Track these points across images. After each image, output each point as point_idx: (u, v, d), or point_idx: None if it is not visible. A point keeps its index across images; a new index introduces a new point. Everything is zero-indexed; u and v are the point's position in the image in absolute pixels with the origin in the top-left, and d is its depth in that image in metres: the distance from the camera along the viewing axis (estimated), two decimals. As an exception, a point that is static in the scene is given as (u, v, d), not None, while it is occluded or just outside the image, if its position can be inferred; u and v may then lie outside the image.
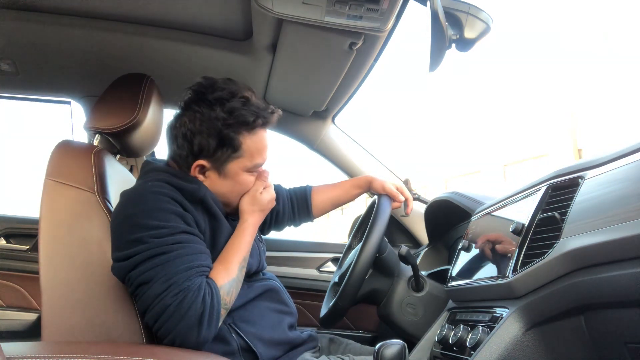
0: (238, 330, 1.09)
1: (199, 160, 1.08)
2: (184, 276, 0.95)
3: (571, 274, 0.82)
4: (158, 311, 0.94)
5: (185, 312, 0.93)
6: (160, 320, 0.95)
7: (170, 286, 0.94)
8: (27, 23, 1.35)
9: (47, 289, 1.06)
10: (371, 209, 1.46)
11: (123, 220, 1.02)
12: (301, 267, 1.98)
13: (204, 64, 1.55)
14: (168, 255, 0.96)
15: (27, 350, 0.77)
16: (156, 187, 1.04)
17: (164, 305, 0.94)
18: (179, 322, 0.94)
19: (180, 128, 1.09)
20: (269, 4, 1.12)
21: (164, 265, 0.96)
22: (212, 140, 1.06)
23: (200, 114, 1.06)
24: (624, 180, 0.77)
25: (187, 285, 0.95)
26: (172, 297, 0.94)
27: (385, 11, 1.09)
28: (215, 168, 1.10)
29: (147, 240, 0.97)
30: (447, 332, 1.11)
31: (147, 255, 0.96)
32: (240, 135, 1.07)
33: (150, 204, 1.01)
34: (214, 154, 1.07)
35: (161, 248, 0.96)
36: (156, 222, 0.99)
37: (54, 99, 1.79)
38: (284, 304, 1.22)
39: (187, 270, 0.96)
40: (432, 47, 1.05)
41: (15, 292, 1.82)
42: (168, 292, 0.94)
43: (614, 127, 9.70)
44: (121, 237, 1.01)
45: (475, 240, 1.23)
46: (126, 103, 1.26)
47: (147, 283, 0.96)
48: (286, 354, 1.16)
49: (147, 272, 0.96)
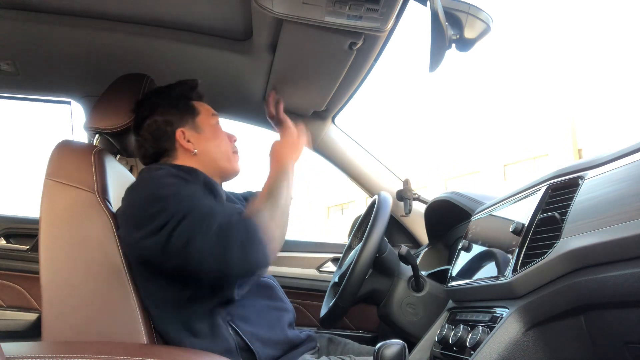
0: (236, 329, 1.10)
1: (177, 131, 1.23)
2: (219, 219, 1.01)
3: (571, 274, 0.82)
4: (213, 258, 0.98)
5: (228, 237, 0.98)
6: (219, 262, 0.99)
7: (211, 232, 0.99)
8: (27, 23, 1.35)
9: (47, 289, 1.06)
10: (371, 209, 1.46)
11: (139, 201, 1.06)
12: (301, 267, 1.98)
13: (204, 64, 1.55)
14: (197, 212, 1.01)
15: (27, 350, 0.77)
16: (161, 172, 1.11)
17: (213, 248, 0.98)
18: (226, 247, 0.98)
19: (148, 128, 1.23)
20: (269, 4, 1.12)
21: (198, 220, 1.00)
22: (175, 110, 1.25)
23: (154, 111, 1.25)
24: (624, 180, 0.77)
25: (226, 221, 1.00)
26: (217, 236, 0.98)
27: (385, 11, 1.09)
28: (191, 128, 1.25)
29: (170, 208, 1.01)
30: (447, 332, 1.11)
31: (178, 219, 1.00)
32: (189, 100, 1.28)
33: (161, 180, 1.08)
34: (182, 119, 1.25)
35: (187, 209, 1.01)
36: (172, 189, 1.05)
37: (54, 99, 1.79)
38: (281, 300, 1.23)
39: (220, 214, 1.02)
40: (432, 47, 1.05)
41: (15, 292, 1.82)
42: (211, 236, 0.98)
43: (614, 127, 9.69)
44: (143, 215, 1.04)
45: (475, 240, 1.23)
46: (126, 103, 1.26)
47: (189, 241, 0.99)
48: (285, 354, 1.16)
49: (184, 233, 0.99)
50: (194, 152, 1.23)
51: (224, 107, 1.81)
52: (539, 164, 12.81)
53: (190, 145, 1.23)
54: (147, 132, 1.24)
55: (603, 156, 0.88)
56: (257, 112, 1.85)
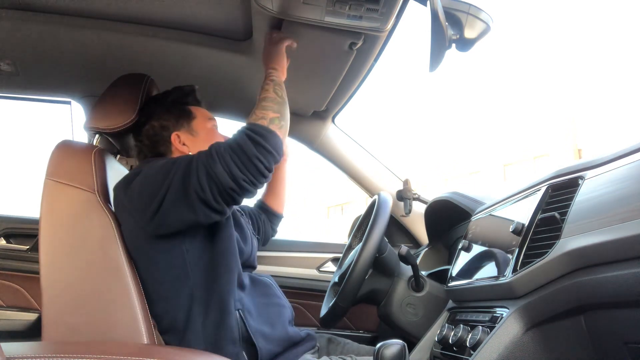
0: (244, 320, 1.11)
1: (172, 135, 1.27)
2: (216, 145, 1.07)
3: (571, 274, 0.82)
4: (233, 163, 1.04)
5: (238, 144, 1.05)
6: (240, 164, 1.04)
7: (217, 153, 1.05)
8: (27, 23, 1.35)
9: (48, 289, 1.06)
10: (371, 208, 1.46)
11: (140, 185, 1.10)
12: (301, 267, 1.98)
13: (204, 64, 1.55)
14: (201, 152, 1.08)
15: (27, 350, 0.77)
16: (152, 161, 1.17)
17: (229, 157, 1.04)
18: (245, 151, 1.05)
19: (146, 133, 1.29)
20: (269, 4, 1.12)
21: (204, 154, 1.06)
22: (170, 116, 1.29)
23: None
24: (624, 180, 0.77)
25: (224, 143, 1.08)
26: (225, 152, 1.04)
27: (385, 11, 1.09)
28: (186, 131, 1.29)
29: (170, 165, 1.08)
30: (447, 332, 1.11)
31: (183, 164, 1.06)
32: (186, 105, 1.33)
33: (153, 163, 1.13)
34: (177, 123, 1.29)
35: (188, 157, 1.09)
36: (168, 160, 1.11)
37: (54, 99, 1.79)
38: (278, 297, 1.24)
39: (213, 144, 1.09)
40: (432, 47, 1.05)
41: (15, 292, 1.82)
42: (220, 153, 1.05)
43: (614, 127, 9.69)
44: (150, 185, 1.08)
45: (475, 240, 1.23)
46: (126, 103, 1.26)
47: (208, 169, 1.04)
48: (285, 351, 1.16)
49: (199, 168, 1.04)
50: (189, 154, 1.24)
51: (223, 107, 1.81)
52: (539, 164, 12.81)
53: (185, 148, 1.27)
54: (145, 137, 1.28)
55: (603, 156, 0.88)
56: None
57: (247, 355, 1.10)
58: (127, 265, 1.09)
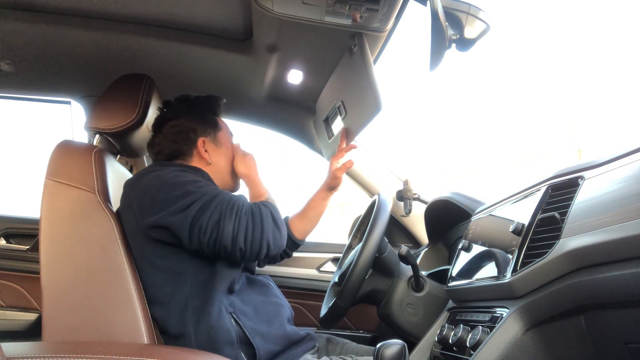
0: (238, 321, 1.11)
1: (199, 139, 1.29)
2: (241, 203, 1.12)
3: (571, 274, 0.82)
4: (244, 231, 1.08)
5: (261, 218, 1.11)
6: (250, 235, 1.08)
7: (237, 211, 1.09)
8: (27, 23, 1.35)
9: (48, 288, 1.06)
10: (371, 208, 1.46)
11: (156, 187, 1.11)
12: (301, 267, 1.98)
13: (204, 64, 1.55)
14: (224, 195, 1.12)
15: (27, 350, 0.77)
16: (172, 168, 1.19)
17: (245, 223, 1.08)
18: (262, 227, 1.10)
19: (171, 129, 1.29)
20: (269, 4, 1.12)
21: (226, 202, 1.10)
22: (200, 120, 1.32)
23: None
24: (624, 180, 0.77)
25: (248, 205, 1.13)
26: (245, 216, 1.09)
27: (385, 11, 1.09)
28: (211, 140, 1.32)
29: (195, 190, 1.10)
30: (447, 332, 1.11)
31: (205, 200, 1.09)
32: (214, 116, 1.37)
33: (174, 173, 1.16)
34: (205, 130, 1.32)
35: (210, 194, 1.11)
36: (189, 177, 1.14)
37: (54, 99, 1.79)
38: (276, 297, 1.24)
39: (245, 201, 1.15)
40: (432, 47, 1.05)
41: (15, 292, 1.82)
42: (240, 214, 1.09)
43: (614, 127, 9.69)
44: (165, 198, 1.09)
45: (475, 240, 1.23)
46: (126, 103, 1.26)
47: (220, 219, 1.07)
48: (285, 351, 1.16)
49: (215, 211, 1.08)
50: (209, 162, 1.29)
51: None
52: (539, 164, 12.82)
53: (207, 155, 1.30)
54: (169, 132, 1.28)
55: (603, 156, 0.88)
56: (257, 112, 1.85)
57: (246, 356, 1.10)
58: (128, 266, 1.09)
